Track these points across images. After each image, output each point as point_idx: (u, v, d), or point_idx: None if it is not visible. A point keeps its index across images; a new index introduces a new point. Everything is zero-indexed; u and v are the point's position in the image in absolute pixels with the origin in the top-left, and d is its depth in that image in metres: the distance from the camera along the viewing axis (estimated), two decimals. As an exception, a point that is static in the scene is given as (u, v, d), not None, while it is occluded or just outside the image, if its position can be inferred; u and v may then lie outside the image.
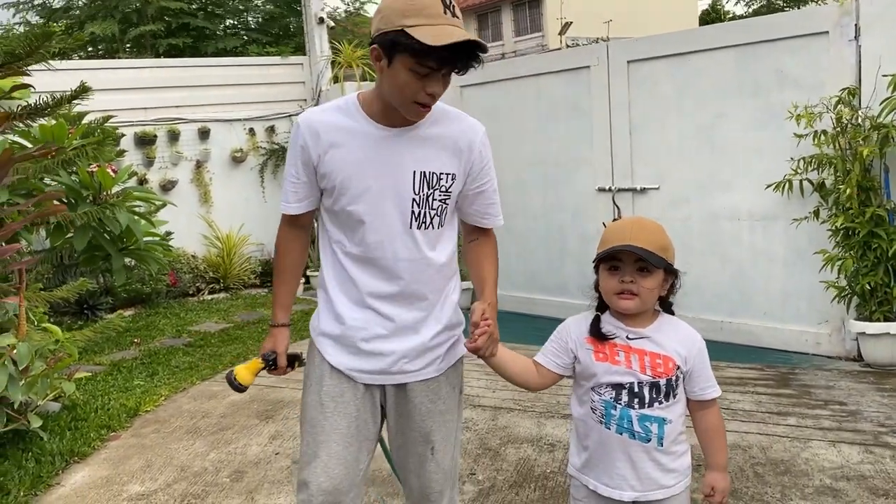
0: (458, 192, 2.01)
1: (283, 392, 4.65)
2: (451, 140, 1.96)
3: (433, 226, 1.98)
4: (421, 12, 1.74)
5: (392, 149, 1.92)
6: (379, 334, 2.01)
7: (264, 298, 7.57)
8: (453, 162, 1.97)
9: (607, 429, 1.86)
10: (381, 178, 1.93)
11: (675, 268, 1.85)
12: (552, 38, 27.82)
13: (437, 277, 2.03)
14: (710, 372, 1.89)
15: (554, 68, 6.13)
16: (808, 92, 4.65)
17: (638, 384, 1.83)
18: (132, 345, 5.97)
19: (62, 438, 3.94)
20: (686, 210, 5.41)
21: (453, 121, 1.99)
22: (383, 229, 1.95)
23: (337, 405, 2.03)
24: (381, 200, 1.94)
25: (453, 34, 1.73)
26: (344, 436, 2.03)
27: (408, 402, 2.06)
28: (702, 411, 1.91)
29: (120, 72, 7.92)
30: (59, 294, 4.65)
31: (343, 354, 2.04)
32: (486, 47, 1.81)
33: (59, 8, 12.57)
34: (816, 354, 4.87)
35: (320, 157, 1.95)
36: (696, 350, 1.86)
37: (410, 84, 1.80)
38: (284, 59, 9.09)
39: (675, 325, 1.90)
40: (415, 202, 1.94)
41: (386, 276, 1.99)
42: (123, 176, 6.39)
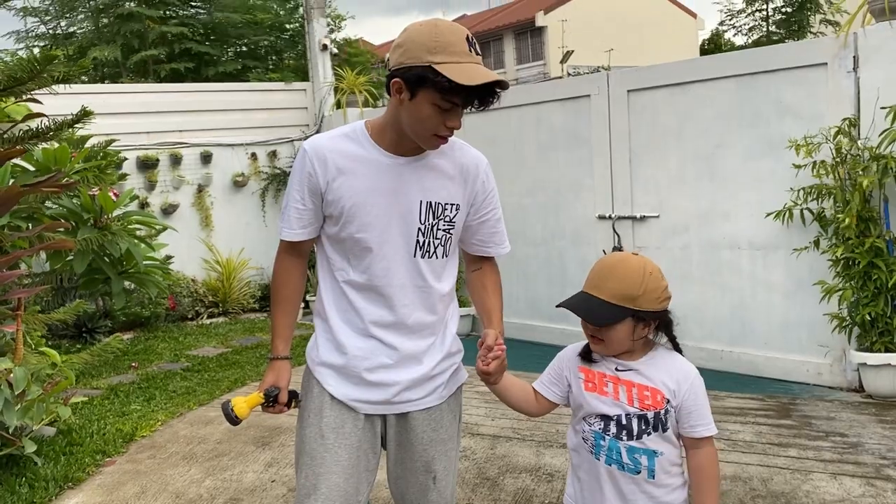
0: (461, 223, 2.02)
1: (280, 419, 4.61)
2: (455, 170, 1.98)
3: (437, 255, 1.99)
4: (446, 49, 1.76)
5: (400, 178, 1.93)
6: (383, 364, 1.99)
7: (263, 323, 7.55)
8: (458, 192, 1.98)
9: (597, 459, 1.85)
10: (389, 207, 1.93)
11: (649, 312, 1.78)
12: (554, 66, 28.09)
13: (439, 306, 2.03)
14: (706, 410, 1.82)
15: (555, 97, 6.17)
16: (807, 122, 4.68)
17: (626, 416, 1.80)
18: (130, 369, 5.94)
19: (56, 464, 3.90)
20: (686, 238, 5.41)
21: (457, 151, 2.00)
22: (389, 257, 1.95)
23: (338, 437, 2.00)
24: (388, 228, 1.94)
25: (481, 74, 1.76)
26: (345, 468, 1.99)
27: (409, 432, 2.04)
28: (693, 450, 1.83)
29: (122, 96, 7.98)
30: (57, 316, 4.65)
31: (345, 385, 2.01)
32: (507, 85, 1.84)
33: (61, 34, 12.69)
34: (817, 385, 4.84)
35: (328, 184, 1.94)
36: (689, 385, 1.81)
37: (433, 118, 1.82)
38: (287, 84, 9.17)
39: (669, 358, 1.86)
40: (420, 231, 1.95)
41: (390, 304, 1.98)
42: (125, 199, 6.40)
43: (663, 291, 1.80)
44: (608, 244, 5.77)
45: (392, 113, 1.90)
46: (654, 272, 1.80)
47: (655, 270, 1.81)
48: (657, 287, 1.79)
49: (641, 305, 1.77)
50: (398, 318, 1.98)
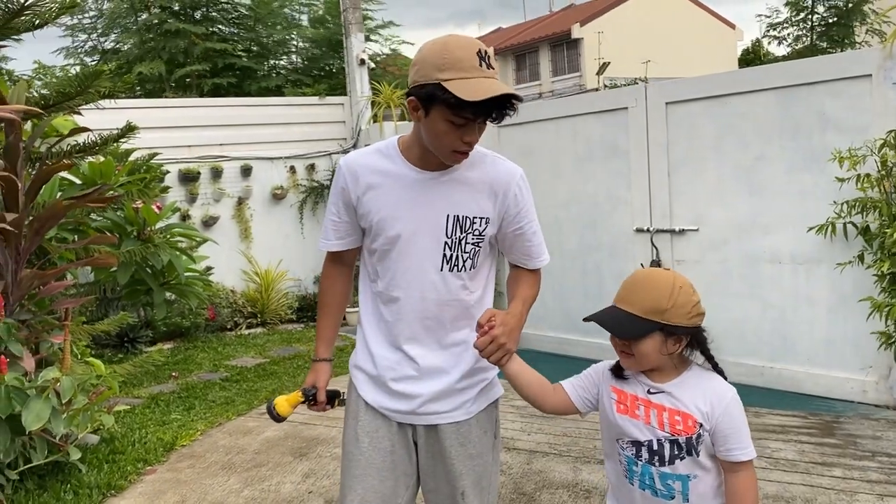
0: (492, 235, 2.02)
1: (318, 429, 4.65)
2: (486, 184, 1.98)
3: (465, 268, 2.00)
4: (455, 66, 1.78)
5: (427, 192, 1.96)
6: (408, 375, 2.03)
7: (300, 334, 7.62)
8: (487, 206, 1.98)
9: (631, 484, 1.82)
10: (416, 220, 1.96)
11: (678, 327, 1.74)
12: (590, 78, 27.98)
13: (468, 321, 2.02)
14: (743, 434, 1.74)
15: (592, 109, 6.15)
16: (850, 135, 4.59)
17: (657, 441, 1.76)
18: (170, 378, 6.04)
19: (100, 471, 3.98)
20: (725, 252, 5.34)
21: (489, 165, 2.01)
22: (414, 270, 1.99)
23: (372, 440, 2.05)
24: (414, 241, 1.97)
25: (487, 88, 1.75)
26: (379, 470, 2.04)
27: (438, 444, 2.05)
28: (730, 473, 1.76)
29: (165, 110, 8.16)
30: (102, 327, 4.76)
31: (376, 392, 2.07)
32: (520, 97, 1.83)
33: (108, 49, 13.02)
34: (862, 403, 4.73)
35: (359, 198, 2.01)
36: (723, 407, 1.74)
37: (448, 134, 1.84)
38: (325, 98, 9.29)
39: (704, 378, 1.80)
40: (447, 245, 1.97)
41: (414, 316, 2.01)
42: (167, 212, 6.55)
43: (694, 307, 1.76)
44: (646, 258, 5.72)
45: (416, 129, 1.95)
46: (684, 286, 1.76)
47: (686, 285, 1.77)
48: (687, 301, 1.75)
49: (670, 319, 1.73)
50: (422, 329, 2.01)
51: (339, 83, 11.29)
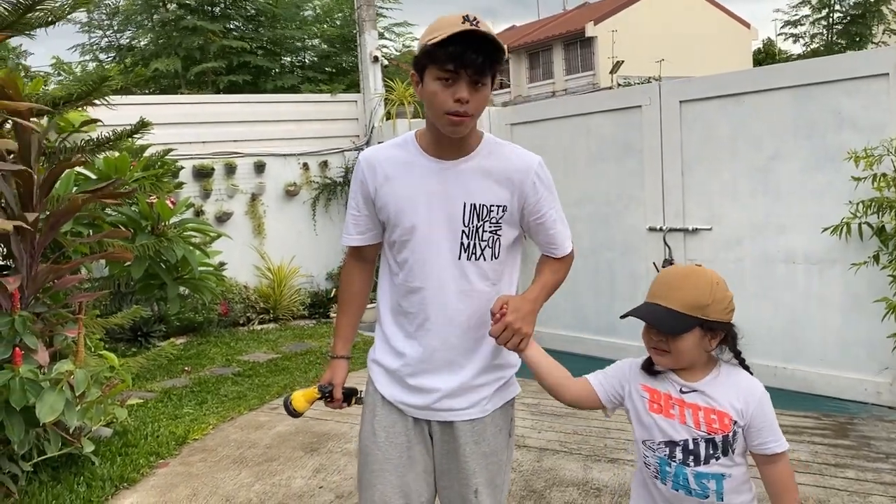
0: (513, 224, 2.01)
1: (329, 425, 4.67)
2: (502, 172, 1.98)
3: (484, 257, 1.98)
4: (440, 28, 1.82)
5: (444, 181, 1.96)
6: (424, 369, 2.02)
7: (312, 330, 7.65)
8: (504, 194, 1.97)
9: (663, 484, 1.81)
10: (432, 210, 1.96)
11: (717, 322, 1.77)
12: (603, 77, 27.89)
13: (483, 316, 1.99)
14: (775, 426, 1.78)
15: (605, 107, 6.13)
16: (866, 134, 4.56)
17: (693, 441, 1.76)
18: (183, 373, 6.08)
19: (113, 464, 4.02)
20: (739, 252, 5.31)
21: (507, 153, 2.01)
22: (432, 259, 1.98)
23: (388, 435, 2.06)
24: (431, 231, 1.97)
25: (457, 30, 1.78)
26: (397, 466, 2.04)
27: (453, 441, 2.05)
28: (767, 465, 1.79)
29: (180, 107, 8.20)
30: (115, 321, 4.79)
31: (392, 386, 2.07)
32: (497, 41, 1.81)
33: (124, 46, 13.09)
34: (876, 404, 4.69)
35: (377, 191, 2.02)
36: (756, 402, 1.77)
37: (439, 94, 1.84)
38: (339, 95, 9.30)
39: (734, 375, 1.82)
40: (464, 234, 1.96)
41: (436, 307, 2.00)
42: (181, 208, 6.58)
43: (730, 302, 1.80)
44: (658, 256, 5.70)
45: (425, 114, 1.98)
46: (720, 282, 1.80)
47: (721, 281, 1.81)
48: (724, 297, 1.79)
49: (710, 315, 1.75)
50: (441, 320, 2.00)
51: (352, 80, 11.31)
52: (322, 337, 7.27)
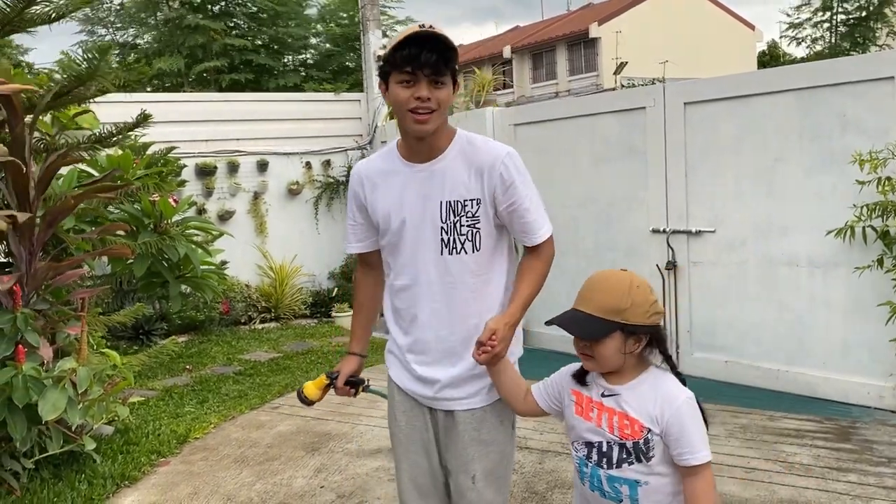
0: (490, 215, 2.08)
1: (330, 425, 4.66)
2: (473, 167, 2.07)
3: (465, 250, 2.08)
4: (399, 36, 1.99)
5: (421, 183, 2.09)
6: (424, 361, 2.15)
7: (314, 329, 7.64)
8: (476, 187, 2.06)
9: (583, 484, 1.84)
10: (414, 212, 2.10)
11: (639, 326, 1.73)
12: (607, 77, 27.86)
13: (477, 303, 2.10)
14: (695, 437, 1.71)
15: (609, 108, 6.12)
16: (871, 137, 4.54)
17: (607, 444, 1.77)
18: (184, 371, 6.08)
19: (114, 462, 4.02)
20: (743, 254, 5.30)
21: (476, 148, 2.09)
22: (418, 257, 2.11)
23: (408, 419, 2.22)
24: (415, 232, 2.10)
25: (409, 32, 1.94)
26: (418, 446, 2.20)
27: (454, 428, 2.14)
28: (686, 478, 1.73)
29: (183, 105, 8.20)
30: (117, 318, 4.79)
31: (403, 376, 2.22)
32: (448, 41, 1.94)
33: (126, 44, 13.10)
34: (879, 408, 4.67)
35: (367, 199, 2.19)
36: (673, 410, 1.71)
37: (400, 95, 1.98)
38: (342, 95, 9.30)
39: (659, 380, 1.77)
40: (443, 230, 2.08)
41: (424, 302, 2.12)
42: (184, 206, 6.58)
43: (652, 305, 1.76)
44: (661, 258, 5.69)
45: (398, 121, 2.09)
46: (641, 286, 1.77)
47: (643, 284, 1.78)
48: (644, 300, 1.75)
49: (630, 319, 1.74)
50: (433, 314, 2.12)
51: (356, 80, 11.30)
52: (323, 336, 7.27)
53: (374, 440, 4.39)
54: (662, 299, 5.68)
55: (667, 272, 5.66)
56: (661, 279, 5.69)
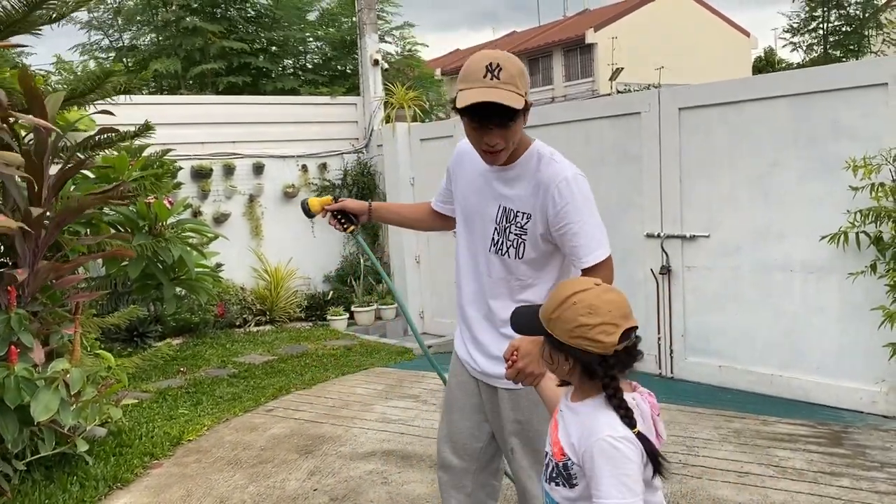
0: (539, 233, 2.19)
1: (324, 427, 4.66)
2: (531, 183, 2.19)
3: (509, 255, 2.25)
4: (467, 78, 2.07)
5: (489, 182, 2.29)
6: (470, 338, 2.40)
7: (308, 332, 7.64)
8: (530, 203, 2.19)
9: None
10: (477, 203, 2.33)
11: (558, 342, 1.65)
12: (603, 83, 27.93)
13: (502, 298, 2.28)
14: (603, 481, 1.57)
15: (604, 114, 6.14)
16: (865, 144, 4.57)
17: (547, 455, 1.75)
18: (178, 373, 6.06)
19: (107, 464, 4.01)
20: (737, 259, 5.32)
21: (542, 166, 2.20)
22: (473, 243, 2.35)
23: (458, 382, 2.46)
24: (474, 219, 2.34)
25: (475, 96, 2.00)
26: (461, 407, 2.43)
27: (495, 403, 2.36)
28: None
29: (179, 107, 8.18)
30: (112, 320, 4.78)
31: (459, 342, 2.47)
32: (505, 106, 2.01)
33: (125, 46, 13.07)
34: (871, 413, 4.69)
35: (454, 174, 2.46)
36: (587, 447, 1.61)
37: (472, 135, 2.16)
38: (338, 98, 9.30)
39: (593, 411, 1.66)
40: (495, 230, 2.27)
41: (470, 283, 2.38)
42: (179, 208, 6.57)
43: (578, 327, 1.62)
44: (656, 263, 5.70)
45: None
46: (579, 303, 1.64)
47: (583, 303, 1.64)
48: (572, 318, 1.63)
49: (553, 330, 1.66)
50: (472, 295, 2.37)
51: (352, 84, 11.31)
52: (318, 339, 7.26)
53: (367, 443, 4.39)
54: (657, 304, 5.70)
55: (661, 277, 5.68)
56: (656, 284, 5.71)
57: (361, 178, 8.75)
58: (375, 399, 5.28)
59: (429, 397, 5.25)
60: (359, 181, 8.74)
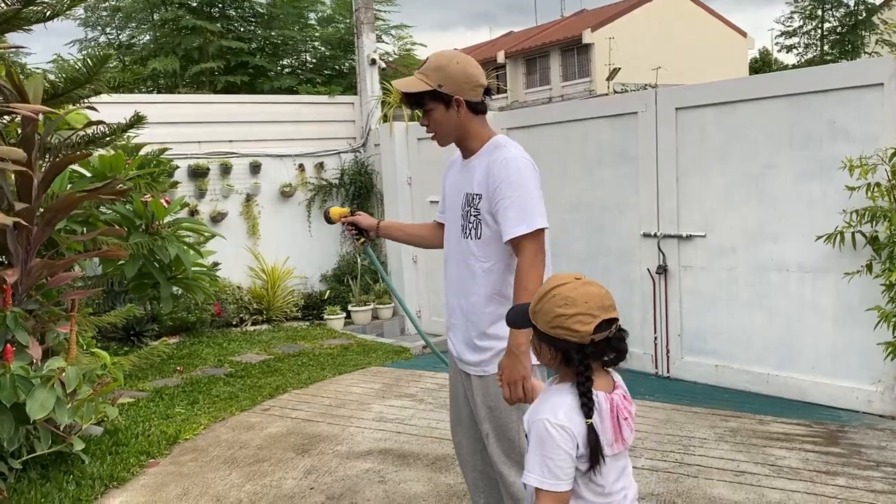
0: (488, 210, 2.44)
1: (321, 426, 4.66)
2: (483, 166, 2.48)
3: (471, 237, 2.49)
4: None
5: (460, 174, 2.60)
6: (449, 324, 2.64)
7: (305, 331, 7.63)
8: (482, 184, 2.46)
9: None
10: (452, 196, 2.62)
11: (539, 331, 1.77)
12: (600, 83, 27.94)
13: (479, 285, 2.48)
14: (531, 457, 1.72)
15: (601, 113, 6.15)
16: (860, 144, 4.58)
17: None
18: (175, 372, 6.05)
19: (103, 463, 4.00)
20: (733, 259, 5.33)
21: (491, 151, 2.49)
22: (451, 234, 2.61)
23: (453, 373, 2.70)
24: (452, 213, 2.61)
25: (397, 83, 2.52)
26: (456, 398, 2.67)
27: (470, 390, 2.56)
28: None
29: (177, 106, 8.17)
30: (108, 319, 4.77)
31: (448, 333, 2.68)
32: (410, 93, 2.49)
33: (123, 44, 13.07)
34: (867, 413, 4.70)
35: (444, 181, 2.73)
36: (529, 425, 1.77)
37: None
38: (336, 97, 9.30)
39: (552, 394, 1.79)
40: (462, 216, 2.53)
41: (448, 271, 2.62)
42: (175, 207, 6.56)
43: (556, 318, 1.72)
44: (653, 262, 5.71)
45: None
46: (558, 296, 1.74)
47: (560, 296, 1.74)
48: (551, 310, 1.74)
49: (536, 321, 1.78)
50: (449, 282, 2.61)
51: (350, 83, 11.31)
52: (315, 339, 7.26)
53: (364, 442, 4.39)
54: (653, 303, 5.70)
55: (658, 276, 5.68)
56: (652, 283, 5.71)
57: (359, 178, 8.75)
58: (372, 398, 5.27)
59: (426, 396, 5.25)
60: (356, 180, 8.73)
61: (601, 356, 1.75)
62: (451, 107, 2.45)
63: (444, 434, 4.42)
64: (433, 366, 6.12)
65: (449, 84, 2.43)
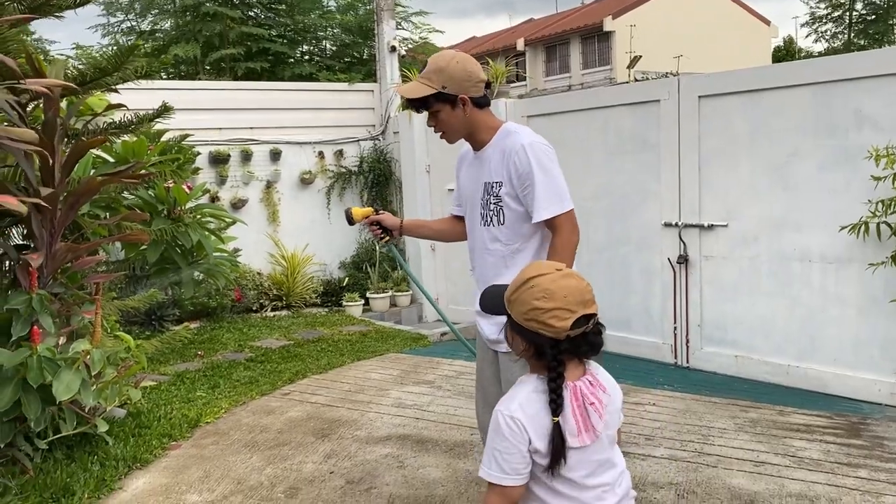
0: (511, 196, 2.54)
1: (340, 411, 4.69)
2: (500, 154, 2.57)
3: (493, 223, 2.60)
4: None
5: (475, 166, 2.69)
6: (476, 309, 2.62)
7: (324, 318, 7.68)
8: (501, 171, 2.55)
9: None
10: (469, 188, 2.73)
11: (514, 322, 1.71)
12: (620, 71, 27.72)
13: (499, 269, 2.58)
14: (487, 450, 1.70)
15: (623, 101, 6.10)
16: (888, 133, 4.51)
17: None
18: (196, 357, 6.12)
19: (126, 444, 4.06)
20: (755, 249, 5.28)
21: (506, 139, 2.58)
22: (473, 225, 2.71)
23: (481, 352, 2.78)
24: (471, 206, 2.72)
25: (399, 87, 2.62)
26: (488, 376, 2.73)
27: (498, 367, 2.65)
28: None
29: (198, 93, 8.21)
30: (131, 303, 4.83)
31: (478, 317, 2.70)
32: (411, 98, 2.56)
33: (145, 31, 13.14)
34: (889, 405, 4.66)
35: (458, 174, 2.82)
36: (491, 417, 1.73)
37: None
38: (355, 85, 9.30)
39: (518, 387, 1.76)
40: (482, 205, 2.64)
41: (474, 260, 2.73)
42: (197, 193, 6.61)
43: (532, 311, 1.66)
44: (673, 252, 5.68)
45: None
46: (536, 287, 1.67)
47: (538, 287, 1.67)
48: (526, 301, 1.67)
49: (512, 311, 1.72)
50: (478, 272, 2.70)
51: (369, 70, 11.31)
52: (334, 325, 7.30)
53: (383, 427, 4.42)
54: (673, 293, 5.68)
55: (678, 266, 5.65)
56: (673, 273, 5.68)
57: (377, 165, 8.76)
58: (391, 384, 5.30)
59: (444, 383, 5.27)
60: (375, 168, 8.75)
61: (575, 351, 1.69)
62: (457, 106, 2.55)
63: (462, 421, 4.43)
64: (451, 353, 6.14)
65: (452, 84, 2.52)
